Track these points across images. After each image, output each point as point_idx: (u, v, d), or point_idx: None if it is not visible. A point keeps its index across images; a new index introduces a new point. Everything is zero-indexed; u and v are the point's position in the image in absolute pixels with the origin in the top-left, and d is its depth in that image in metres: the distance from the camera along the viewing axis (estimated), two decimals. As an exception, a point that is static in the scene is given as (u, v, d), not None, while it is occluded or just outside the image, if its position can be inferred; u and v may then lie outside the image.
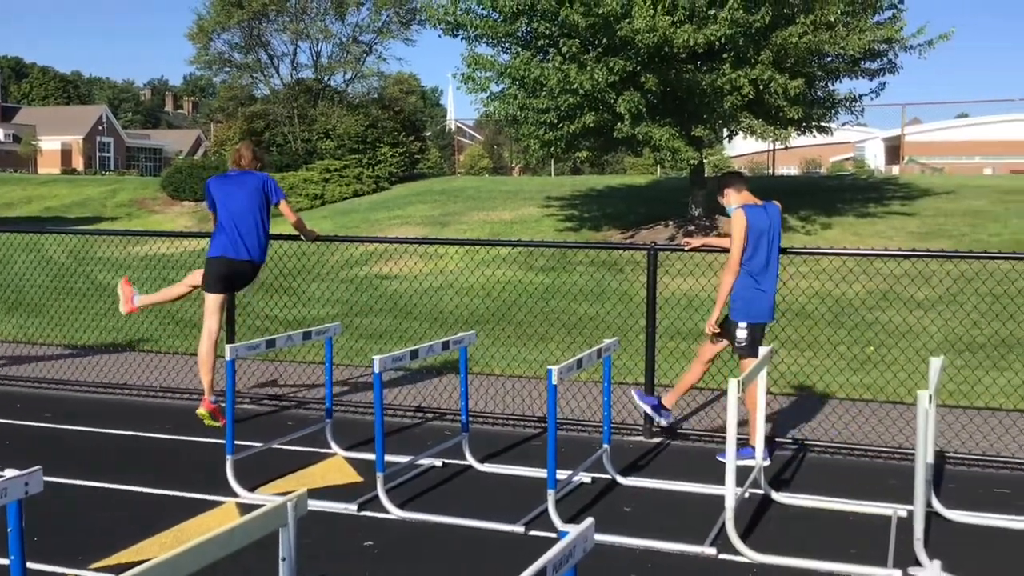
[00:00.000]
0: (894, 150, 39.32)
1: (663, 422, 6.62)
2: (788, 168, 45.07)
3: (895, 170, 33.73)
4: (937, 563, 3.65)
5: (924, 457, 4.40)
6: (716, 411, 7.51)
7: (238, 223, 7.09)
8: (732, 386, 4.57)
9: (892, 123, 31.57)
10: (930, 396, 4.36)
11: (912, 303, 11.41)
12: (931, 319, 10.36)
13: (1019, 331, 10.48)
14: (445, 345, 5.82)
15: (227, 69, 34.90)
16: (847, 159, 50.69)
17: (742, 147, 43.91)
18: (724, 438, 6.45)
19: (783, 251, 6.43)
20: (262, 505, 3.00)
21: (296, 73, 34.71)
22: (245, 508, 5.15)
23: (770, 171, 29.73)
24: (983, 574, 4.40)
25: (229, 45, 34.10)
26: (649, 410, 6.59)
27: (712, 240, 7.07)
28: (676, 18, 14.74)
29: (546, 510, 4.98)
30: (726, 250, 6.39)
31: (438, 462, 6.12)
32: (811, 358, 9.39)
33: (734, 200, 6.26)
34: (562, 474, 5.37)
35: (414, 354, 5.45)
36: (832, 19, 15.20)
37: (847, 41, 15.27)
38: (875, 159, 48.23)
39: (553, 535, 4.73)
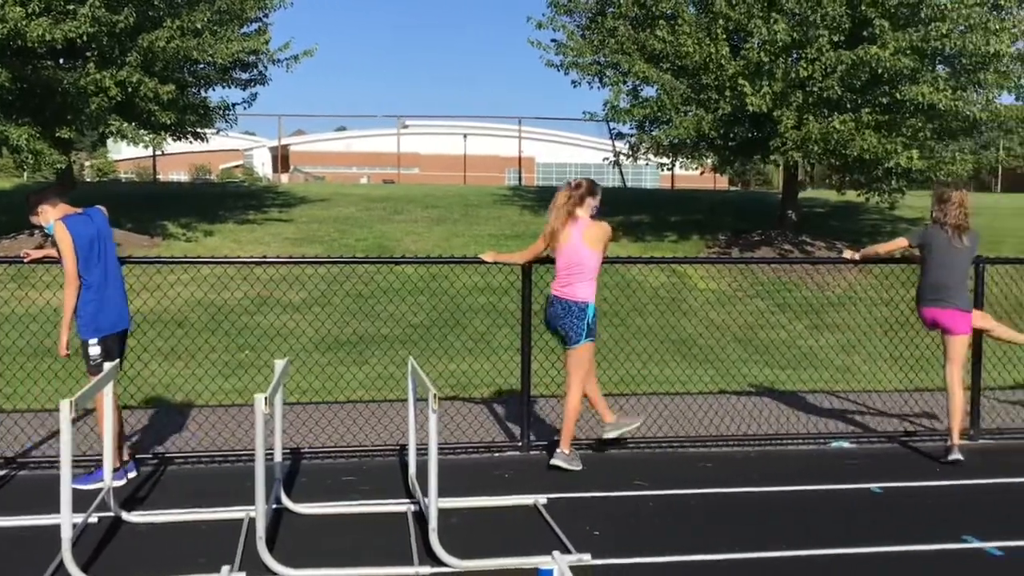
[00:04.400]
0: (282, 159, 40.89)
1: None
2: (178, 174, 44.33)
3: (284, 178, 35.04)
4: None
5: (262, 458, 4.54)
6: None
7: None
8: (64, 406, 4.25)
9: (281, 132, 32.60)
10: (266, 398, 4.50)
11: (288, 306, 11.91)
12: (305, 320, 10.87)
13: (378, 327, 11.53)
14: None
15: None
16: (237, 166, 51.55)
17: (129, 151, 42.10)
18: (89, 462, 6.06)
19: (123, 260, 6.25)
20: None
21: None
22: None
23: (154, 177, 28.83)
24: (316, 559, 4.68)
25: None
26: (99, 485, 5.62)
27: (52, 251, 6.46)
28: (31, 10, 13.49)
29: None
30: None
31: None
32: (184, 367, 9.29)
33: (52, 215, 5.90)
34: None
35: None
36: (199, 26, 15.17)
37: (215, 49, 15.34)
38: (263, 167, 49.76)
39: None
